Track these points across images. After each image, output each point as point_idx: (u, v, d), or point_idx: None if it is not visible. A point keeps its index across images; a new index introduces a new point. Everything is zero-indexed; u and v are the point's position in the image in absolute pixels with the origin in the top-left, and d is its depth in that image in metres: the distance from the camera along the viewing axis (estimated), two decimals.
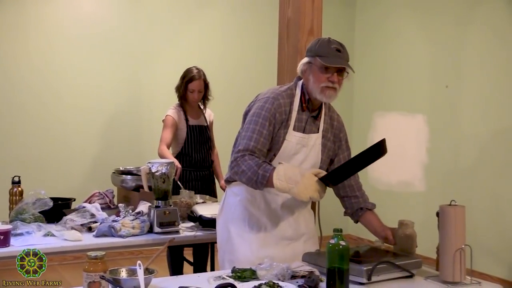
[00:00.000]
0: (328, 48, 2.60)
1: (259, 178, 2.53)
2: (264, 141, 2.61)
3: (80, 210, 3.42)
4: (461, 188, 5.61)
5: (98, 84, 5.93)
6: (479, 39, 5.59)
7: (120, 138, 6.03)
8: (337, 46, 2.62)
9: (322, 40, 2.67)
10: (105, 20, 5.97)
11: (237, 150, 2.62)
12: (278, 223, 2.76)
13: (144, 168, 3.37)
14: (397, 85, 6.53)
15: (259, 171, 2.52)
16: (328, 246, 2.14)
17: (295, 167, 2.55)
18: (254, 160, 2.56)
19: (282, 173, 2.48)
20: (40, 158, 5.73)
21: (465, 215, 2.36)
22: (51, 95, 5.77)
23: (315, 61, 2.62)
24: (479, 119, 5.56)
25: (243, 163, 2.57)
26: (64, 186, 5.46)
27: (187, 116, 4.48)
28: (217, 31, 6.49)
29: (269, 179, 2.51)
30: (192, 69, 4.49)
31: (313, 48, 2.66)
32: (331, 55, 2.59)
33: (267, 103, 2.64)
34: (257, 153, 2.59)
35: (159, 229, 3.25)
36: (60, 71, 5.80)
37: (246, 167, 2.55)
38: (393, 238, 2.67)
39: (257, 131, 2.60)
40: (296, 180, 2.45)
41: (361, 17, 7.11)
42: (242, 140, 2.62)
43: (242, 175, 2.58)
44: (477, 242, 4.36)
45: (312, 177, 2.46)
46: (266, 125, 2.61)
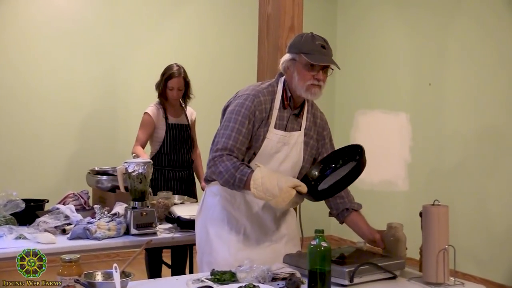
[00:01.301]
0: (312, 44, 2.59)
1: (236, 181, 2.52)
2: (243, 139, 2.60)
3: (54, 212, 3.38)
4: (445, 188, 5.66)
5: (73, 81, 5.89)
6: (463, 35, 5.64)
7: (95, 137, 5.99)
8: (321, 42, 2.61)
9: (305, 35, 2.65)
10: (81, 16, 5.92)
11: (215, 149, 2.61)
12: (258, 224, 2.76)
13: (120, 168, 3.36)
14: (379, 82, 6.56)
15: (236, 174, 2.52)
16: (309, 247, 2.14)
17: (273, 175, 2.49)
18: (232, 161, 2.55)
19: (260, 182, 2.46)
20: (11, 157, 5.66)
21: (448, 215, 2.38)
22: (24, 92, 5.71)
23: (300, 58, 2.60)
24: (463, 117, 5.61)
25: (220, 164, 2.56)
26: (37, 187, 5.41)
27: (166, 114, 4.47)
28: (195, 27, 6.48)
29: (246, 183, 2.50)
30: (172, 66, 4.48)
31: (297, 44, 2.64)
32: (316, 52, 2.57)
33: (247, 101, 2.63)
34: (235, 152, 2.58)
35: (136, 231, 3.23)
36: (34, 67, 5.74)
37: (224, 169, 2.54)
38: (382, 242, 2.68)
39: (236, 130, 2.59)
40: (274, 194, 2.43)
41: (343, 13, 7.14)
42: (221, 139, 2.61)
43: (219, 176, 2.58)
44: (461, 243, 4.41)
45: (290, 191, 2.44)
46: (245, 123, 2.60)
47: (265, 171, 2.50)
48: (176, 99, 4.49)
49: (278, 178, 2.48)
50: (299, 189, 2.47)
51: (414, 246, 2.70)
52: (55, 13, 5.82)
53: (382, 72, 6.55)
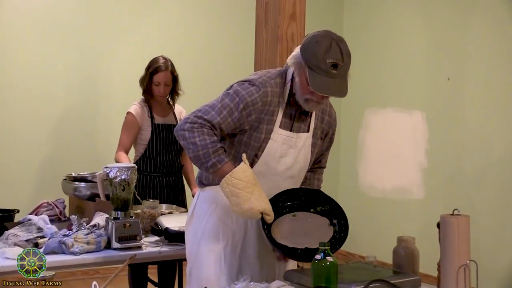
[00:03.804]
0: (323, 61, 2.48)
1: (209, 164, 2.54)
2: (230, 123, 2.59)
3: (25, 224, 3.38)
4: (466, 196, 5.66)
5: (46, 74, 5.85)
6: (487, 23, 5.62)
7: (72, 139, 5.97)
8: (335, 60, 2.49)
9: (322, 42, 2.51)
10: (55, 8, 5.89)
11: (199, 115, 2.59)
12: (257, 237, 2.75)
13: (100, 173, 3.36)
14: (391, 76, 6.57)
15: (212, 156, 2.53)
16: (313, 262, 2.14)
17: (254, 187, 2.52)
18: (212, 139, 2.54)
19: (235, 182, 2.50)
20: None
21: (469, 226, 2.38)
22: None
23: (304, 69, 2.54)
24: (487, 115, 5.60)
25: (199, 135, 2.55)
26: (5, 196, 5.39)
27: (152, 114, 4.46)
28: (185, 14, 6.47)
29: (218, 171, 2.53)
30: (158, 59, 4.48)
31: (308, 49, 2.53)
32: (322, 73, 2.48)
33: (252, 87, 2.61)
34: (217, 131, 2.57)
35: (118, 245, 3.23)
36: (4, 66, 5.72)
37: (201, 143, 2.54)
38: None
39: (229, 110, 2.58)
40: (240, 205, 2.50)
41: (351, 1, 7.15)
42: (209, 109, 2.60)
43: (192, 146, 2.55)
44: (484, 258, 4.41)
45: (257, 215, 2.53)
46: (240, 107, 2.58)
47: (248, 175, 2.52)
48: (163, 96, 4.48)
49: (255, 194, 2.52)
50: (265, 217, 2.54)
51: (431, 261, 2.70)
52: (25, 7, 5.75)
53: (394, 65, 6.55)
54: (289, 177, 2.72)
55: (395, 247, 2.70)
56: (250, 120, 2.61)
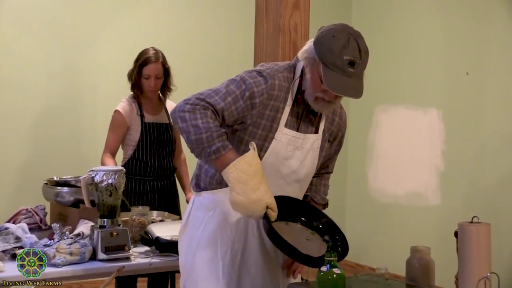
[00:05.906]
0: (339, 57, 2.48)
1: (212, 149, 2.49)
2: (234, 112, 2.58)
3: (2, 233, 3.38)
4: (486, 202, 5.66)
5: (26, 71, 5.86)
6: (506, 11, 5.64)
7: (54, 140, 5.97)
8: (352, 57, 2.50)
9: (339, 37, 2.51)
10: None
11: (201, 98, 2.55)
12: (258, 247, 2.75)
13: (85, 178, 3.36)
14: (404, 71, 6.57)
15: (216, 140, 2.49)
16: (319, 275, 2.14)
17: (262, 177, 2.48)
18: (215, 122, 2.52)
19: (245, 169, 2.44)
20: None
21: (490, 235, 2.39)
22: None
23: (318, 65, 2.55)
24: (509, 113, 5.61)
25: (202, 117, 2.51)
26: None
27: (142, 111, 4.47)
28: (177, 3, 6.48)
29: (220, 159, 2.48)
30: (148, 50, 4.48)
31: (323, 43, 2.54)
32: (337, 70, 2.49)
33: (260, 77, 2.61)
34: (219, 117, 2.56)
35: (105, 256, 3.23)
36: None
37: (204, 125, 2.49)
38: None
39: (234, 96, 2.57)
40: (246, 193, 2.43)
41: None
42: (212, 93, 2.58)
43: (193, 129, 2.50)
44: (506, 270, 4.42)
45: (263, 207, 2.45)
46: (246, 96, 2.58)
47: (258, 164, 2.49)
48: (154, 91, 4.48)
49: (263, 186, 2.48)
50: (268, 212, 2.48)
51: (448, 273, 2.71)
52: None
53: (407, 58, 6.55)
54: (295, 182, 2.72)
55: (409, 258, 2.70)
56: (252, 114, 2.61)
